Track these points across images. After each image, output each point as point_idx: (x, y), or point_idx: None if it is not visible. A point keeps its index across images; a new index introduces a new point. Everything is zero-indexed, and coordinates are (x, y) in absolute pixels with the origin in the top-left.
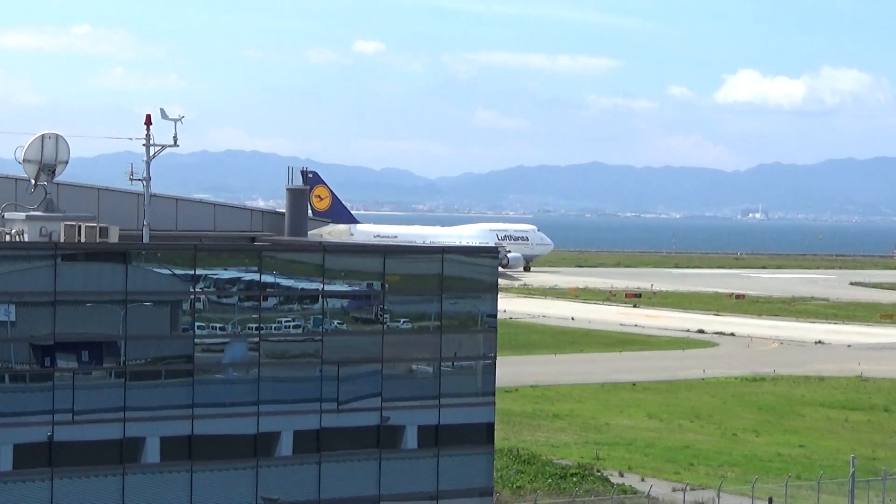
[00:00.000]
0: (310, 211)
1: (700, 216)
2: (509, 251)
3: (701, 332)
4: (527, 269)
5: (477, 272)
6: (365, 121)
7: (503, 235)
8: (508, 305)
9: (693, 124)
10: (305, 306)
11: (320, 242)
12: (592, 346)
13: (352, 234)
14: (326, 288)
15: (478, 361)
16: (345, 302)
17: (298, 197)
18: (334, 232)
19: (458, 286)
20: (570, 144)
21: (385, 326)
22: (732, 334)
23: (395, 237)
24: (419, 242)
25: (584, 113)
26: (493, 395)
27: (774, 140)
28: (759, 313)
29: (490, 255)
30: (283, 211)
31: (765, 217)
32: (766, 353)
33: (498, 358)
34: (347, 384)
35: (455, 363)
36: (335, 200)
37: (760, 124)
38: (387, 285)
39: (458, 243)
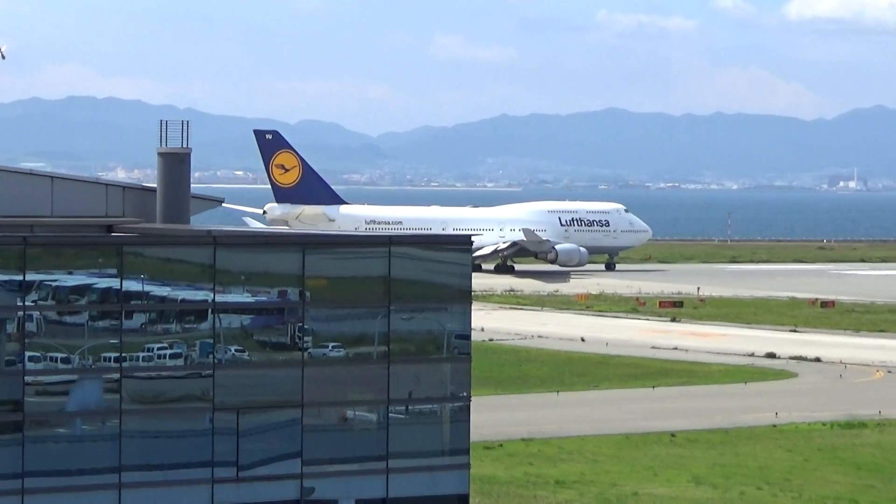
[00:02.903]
0: (270, 184)
1: (768, 186)
2: (542, 238)
3: (771, 356)
4: (610, 267)
5: (441, 273)
6: (271, 53)
7: (569, 219)
8: (488, 321)
9: (754, 52)
10: (188, 326)
11: (209, 231)
12: (612, 379)
13: (331, 221)
14: (219, 299)
15: (443, 404)
16: (246, 319)
17: (176, 165)
18: (304, 217)
19: (413, 293)
20: (575, 84)
21: (306, 354)
22: (818, 360)
23: (400, 223)
24: (438, 230)
25: (594, 37)
26: (467, 453)
27: (875, 74)
28: (857, 328)
29: (460, 245)
30: (154, 185)
31: (862, 187)
32: (868, 387)
33: (474, 399)
34: (252, 441)
35: (410, 407)
36: (307, 172)
37: (854, 51)
38: (308, 293)
39: (499, 232)
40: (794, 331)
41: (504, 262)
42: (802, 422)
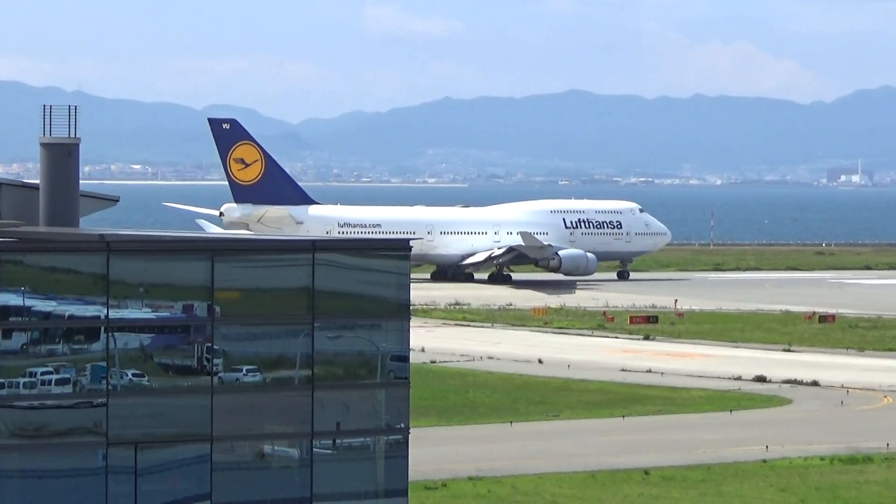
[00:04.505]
0: (228, 182)
1: (757, 181)
2: (543, 243)
3: (761, 380)
4: (623, 275)
5: (374, 284)
6: (173, 26)
7: (575, 220)
8: (430, 340)
9: (740, 24)
10: (78, 347)
11: (101, 235)
12: (575, 407)
13: (299, 223)
14: (113, 314)
15: (377, 438)
16: (146, 338)
17: (62, 157)
18: (268, 219)
19: (341, 308)
20: (531, 62)
21: (216, 380)
22: (815, 383)
23: (378, 226)
24: (424, 234)
25: (553, 7)
26: (405, 495)
27: (882, 51)
28: (861, 347)
29: (397, 251)
30: (36, 182)
31: (867, 181)
32: (874, 416)
33: (413, 431)
34: (152, 481)
35: (338, 441)
36: (270, 168)
37: (857, 22)
38: (218, 308)
39: (493, 235)
40: (788, 350)
41: (499, 270)
42: (797, 456)
